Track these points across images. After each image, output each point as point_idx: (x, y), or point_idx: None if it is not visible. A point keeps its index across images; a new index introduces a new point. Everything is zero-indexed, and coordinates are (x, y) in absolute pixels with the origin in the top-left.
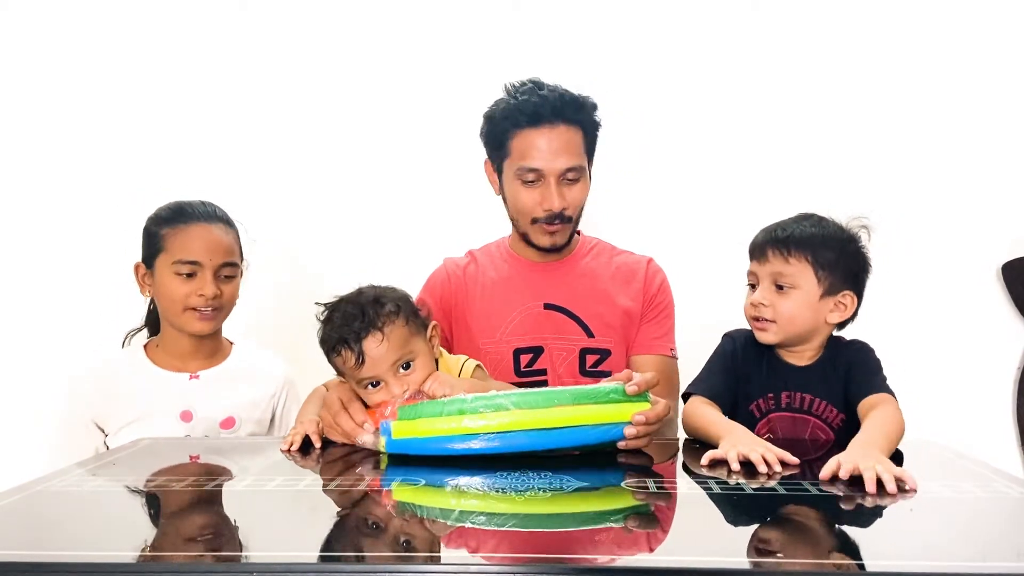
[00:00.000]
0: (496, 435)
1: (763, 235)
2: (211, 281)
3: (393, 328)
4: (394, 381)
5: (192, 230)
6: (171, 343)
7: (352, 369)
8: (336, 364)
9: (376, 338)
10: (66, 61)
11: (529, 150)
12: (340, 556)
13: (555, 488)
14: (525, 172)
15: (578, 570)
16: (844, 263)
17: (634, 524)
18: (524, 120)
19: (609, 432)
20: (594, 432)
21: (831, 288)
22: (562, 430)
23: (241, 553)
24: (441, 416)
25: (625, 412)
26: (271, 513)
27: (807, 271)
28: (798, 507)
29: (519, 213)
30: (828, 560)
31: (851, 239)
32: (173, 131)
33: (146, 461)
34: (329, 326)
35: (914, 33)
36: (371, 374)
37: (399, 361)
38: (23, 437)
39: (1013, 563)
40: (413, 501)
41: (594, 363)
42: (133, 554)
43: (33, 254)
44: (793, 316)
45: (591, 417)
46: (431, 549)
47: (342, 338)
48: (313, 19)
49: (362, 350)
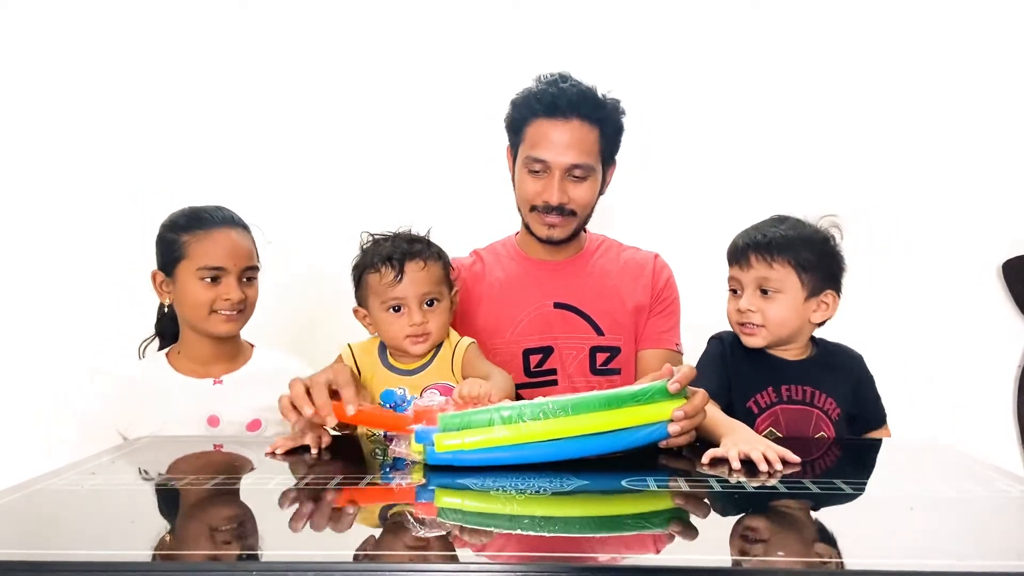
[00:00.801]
0: (544, 444)
1: (743, 240)
2: (236, 285)
3: (433, 265)
4: (417, 311)
5: (215, 236)
6: (192, 349)
7: (387, 286)
8: (371, 282)
9: (418, 264)
10: (67, 62)
11: (540, 140)
12: (343, 556)
13: (556, 487)
14: (532, 162)
15: (581, 569)
16: (824, 264)
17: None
18: (540, 109)
19: (654, 433)
20: (639, 434)
21: (814, 289)
22: (607, 435)
23: (241, 552)
24: (492, 425)
25: (667, 410)
26: (271, 511)
27: (791, 275)
28: (799, 505)
29: (521, 200)
30: (828, 558)
31: (826, 239)
32: (177, 134)
33: (146, 459)
34: (376, 247)
35: (914, 32)
36: (401, 295)
37: (428, 295)
38: (22, 436)
39: (1015, 562)
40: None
41: (604, 361)
42: (133, 552)
43: (34, 255)
44: (781, 320)
45: (635, 419)
46: (438, 548)
47: (389, 256)
48: (314, 20)
49: (403, 268)
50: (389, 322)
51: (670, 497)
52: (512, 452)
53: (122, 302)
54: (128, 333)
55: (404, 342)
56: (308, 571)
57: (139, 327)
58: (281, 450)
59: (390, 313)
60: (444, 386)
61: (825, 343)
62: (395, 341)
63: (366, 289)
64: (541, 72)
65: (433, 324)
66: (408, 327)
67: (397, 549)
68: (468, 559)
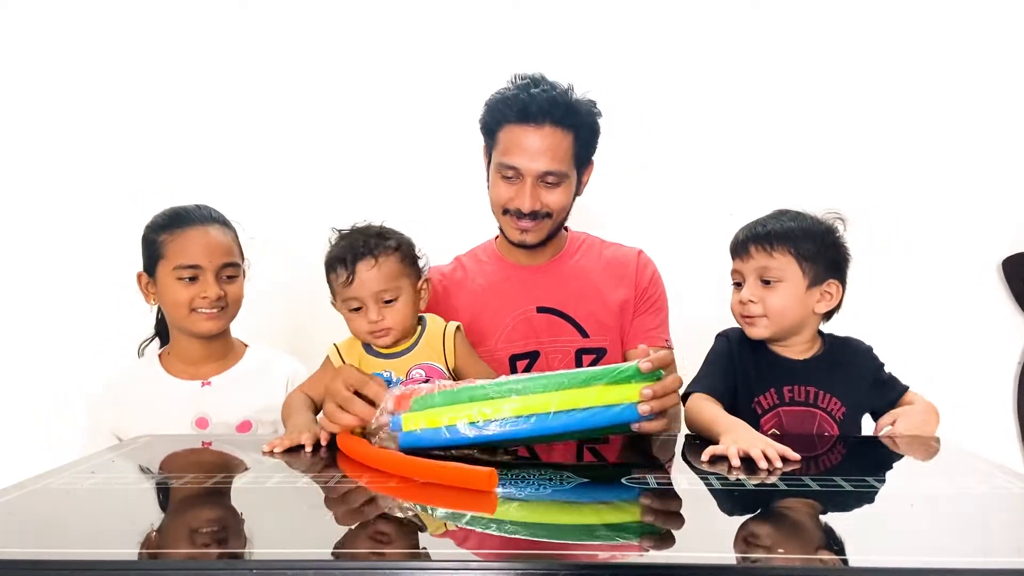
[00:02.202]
0: (511, 420)
1: (743, 233)
2: (214, 283)
3: (387, 260)
4: (374, 308)
5: (189, 234)
6: (181, 350)
7: (341, 287)
8: (330, 282)
9: (368, 263)
10: (64, 62)
11: (511, 147)
12: (338, 553)
13: (555, 485)
14: (504, 168)
15: (579, 566)
16: (825, 253)
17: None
18: (512, 116)
19: (624, 413)
20: (607, 414)
21: (816, 278)
22: (576, 413)
23: (240, 550)
24: (455, 404)
25: (637, 391)
26: (270, 510)
27: (791, 264)
28: (798, 503)
29: (494, 203)
30: (828, 556)
31: (829, 230)
32: (174, 133)
33: (144, 458)
34: (334, 247)
35: (914, 31)
36: (356, 295)
37: (384, 292)
38: (22, 436)
39: (1015, 559)
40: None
41: (591, 363)
42: (131, 551)
43: (34, 255)
44: (783, 309)
45: (604, 398)
46: (429, 546)
47: (340, 257)
48: (311, 18)
49: (354, 271)
50: (352, 319)
51: (669, 496)
52: (477, 430)
53: (122, 302)
54: (127, 333)
55: (368, 338)
56: (307, 568)
57: (138, 327)
58: (279, 449)
59: (352, 312)
60: (430, 366)
61: (833, 338)
62: (361, 337)
63: (333, 287)
64: (517, 72)
65: (392, 319)
66: (367, 324)
67: (398, 547)
68: (469, 557)
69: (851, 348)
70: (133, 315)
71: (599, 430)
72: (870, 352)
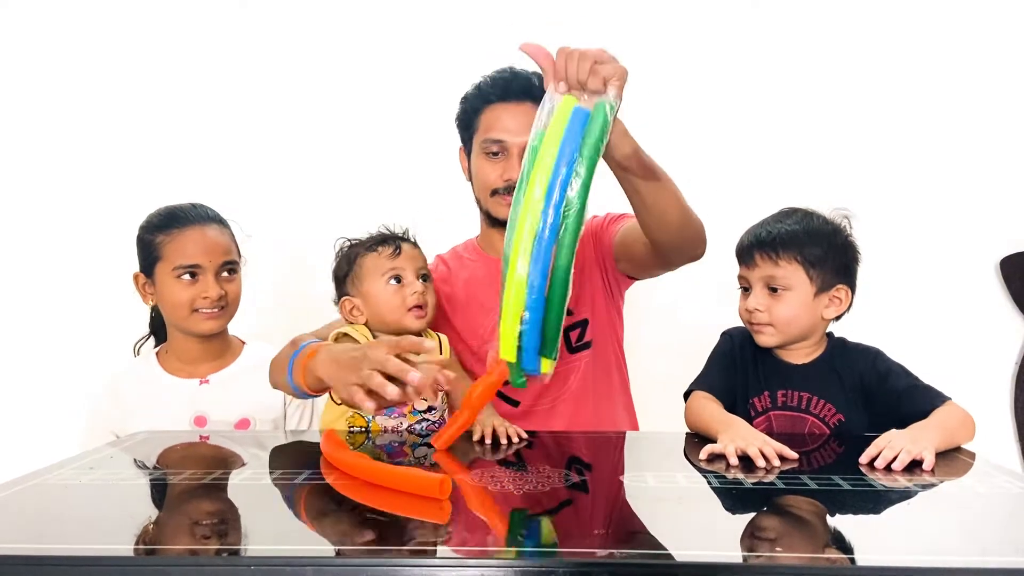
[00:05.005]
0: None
1: (748, 238)
2: (214, 282)
3: (419, 250)
4: (413, 280)
5: (188, 234)
6: (179, 348)
7: (387, 258)
8: (366, 263)
9: (411, 244)
10: (60, 61)
11: (494, 123)
12: (339, 550)
13: (554, 484)
14: (490, 144)
15: (577, 563)
16: (834, 257)
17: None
18: (494, 96)
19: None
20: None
21: (824, 284)
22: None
23: (240, 546)
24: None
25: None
26: (269, 506)
27: (798, 271)
28: (796, 501)
29: (480, 187)
30: (826, 554)
31: (837, 231)
32: (173, 133)
33: (142, 454)
34: (368, 238)
35: (913, 30)
36: (402, 265)
37: (421, 269)
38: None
39: (1013, 558)
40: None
41: (578, 337)
42: (129, 547)
43: (33, 255)
44: (790, 318)
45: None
46: (433, 542)
47: (385, 237)
48: (308, 17)
49: (400, 246)
50: (390, 294)
51: (668, 494)
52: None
53: (121, 301)
54: (126, 332)
55: (407, 315)
56: (306, 565)
57: (137, 326)
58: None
59: (391, 285)
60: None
61: (838, 342)
62: (396, 314)
63: (360, 271)
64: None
65: (429, 296)
66: (410, 296)
67: (400, 544)
68: (469, 554)
69: (852, 354)
70: (131, 314)
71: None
72: (877, 357)
